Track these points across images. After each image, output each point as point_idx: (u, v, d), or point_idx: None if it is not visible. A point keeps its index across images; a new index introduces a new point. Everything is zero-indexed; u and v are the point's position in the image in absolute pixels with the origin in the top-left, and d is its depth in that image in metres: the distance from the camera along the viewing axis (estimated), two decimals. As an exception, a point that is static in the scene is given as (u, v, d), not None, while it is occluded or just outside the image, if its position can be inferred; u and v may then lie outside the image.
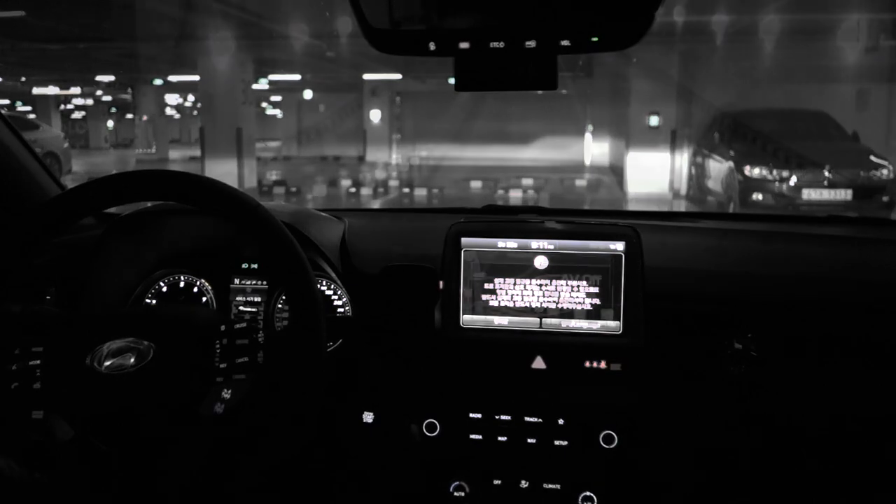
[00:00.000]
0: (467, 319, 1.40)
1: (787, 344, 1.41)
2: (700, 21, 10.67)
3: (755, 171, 9.29)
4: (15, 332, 1.18)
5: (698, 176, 11.21)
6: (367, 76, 18.51)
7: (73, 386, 1.14)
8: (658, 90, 12.48)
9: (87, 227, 1.66)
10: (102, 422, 1.14)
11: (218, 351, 1.17)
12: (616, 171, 15.71)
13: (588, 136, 20.38)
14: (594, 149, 20.09)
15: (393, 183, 14.31)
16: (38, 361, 1.16)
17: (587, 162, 19.77)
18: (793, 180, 9.05)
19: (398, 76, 18.38)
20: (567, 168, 17.36)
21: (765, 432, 1.42)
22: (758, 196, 9.16)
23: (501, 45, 0.84)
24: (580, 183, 14.85)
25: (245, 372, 1.16)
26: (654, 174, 12.82)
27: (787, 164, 9.25)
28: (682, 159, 12.52)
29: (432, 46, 0.85)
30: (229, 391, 1.18)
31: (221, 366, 1.17)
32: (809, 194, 8.94)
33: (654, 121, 12.64)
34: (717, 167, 10.20)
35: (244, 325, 1.20)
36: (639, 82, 12.63)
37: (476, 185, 13.57)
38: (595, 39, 0.82)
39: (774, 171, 9.17)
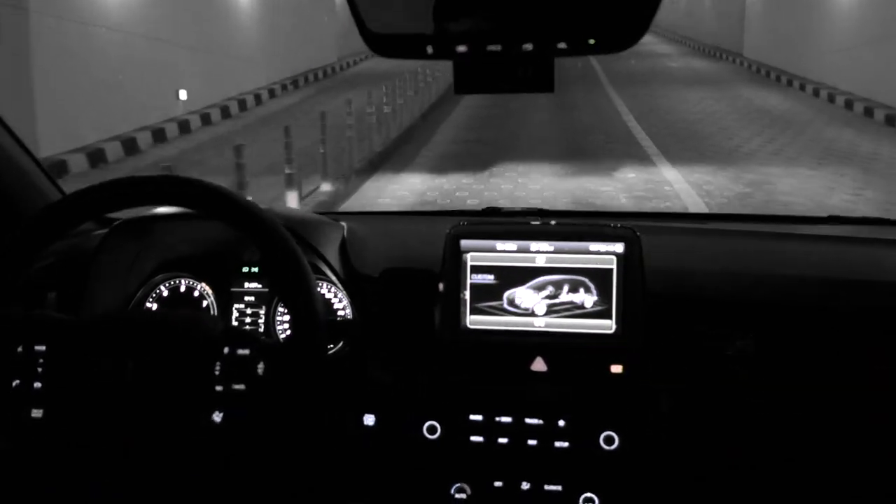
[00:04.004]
0: (467, 322, 1.39)
1: (787, 344, 1.41)
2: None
3: None
4: (17, 332, 1.19)
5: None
6: None
7: (74, 390, 1.14)
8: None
9: (87, 230, 1.66)
10: (102, 426, 1.14)
11: (218, 361, 1.17)
12: None
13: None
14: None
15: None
16: (41, 361, 1.17)
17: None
18: None
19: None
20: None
21: (766, 433, 1.42)
22: None
23: (499, 48, 0.84)
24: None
25: (245, 381, 1.16)
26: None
27: None
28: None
29: (430, 50, 0.85)
30: (229, 400, 1.18)
31: (221, 375, 1.17)
32: None
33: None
34: None
35: (245, 333, 1.20)
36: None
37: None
38: (592, 42, 0.82)
39: None
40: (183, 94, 12.39)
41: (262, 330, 1.59)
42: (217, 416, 1.16)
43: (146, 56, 11.51)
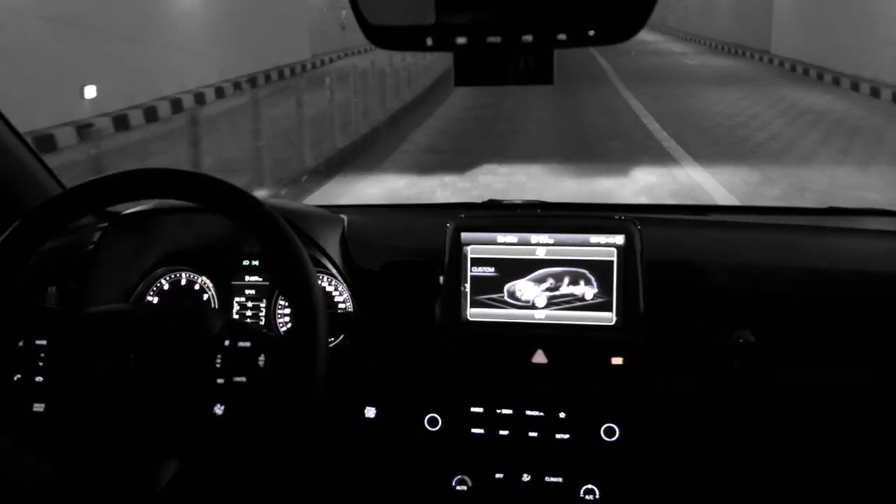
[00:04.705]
0: (468, 314, 1.40)
1: (788, 336, 1.41)
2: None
3: None
4: (18, 326, 1.19)
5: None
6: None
7: (75, 383, 1.15)
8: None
9: (88, 224, 1.65)
10: (104, 419, 1.14)
11: (219, 354, 1.17)
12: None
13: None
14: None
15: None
16: (42, 355, 1.17)
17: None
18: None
19: None
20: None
21: (765, 425, 1.42)
22: None
23: (498, 39, 0.83)
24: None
25: (246, 374, 1.16)
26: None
27: None
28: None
29: (430, 42, 0.84)
30: (230, 393, 1.17)
31: (222, 368, 1.17)
32: None
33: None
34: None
35: (246, 325, 1.26)
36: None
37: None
38: (592, 33, 0.82)
39: None
40: (90, 92, 9.81)
41: (262, 323, 1.58)
42: (218, 409, 1.15)
43: (44, 43, 8.87)
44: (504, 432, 1.39)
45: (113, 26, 10.32)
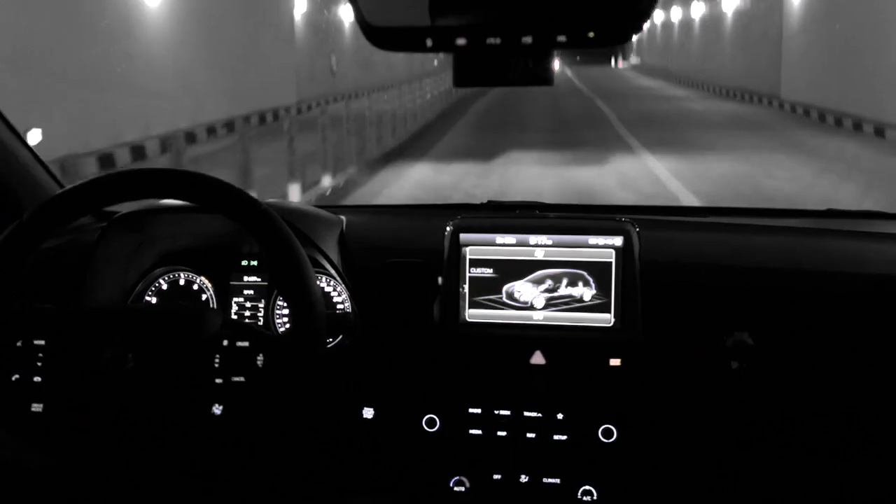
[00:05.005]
0: (466, 315, 1.40)
1: (785, 337, 1.41)
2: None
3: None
4: (16, 326, 1.19)
5: None
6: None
7: (74, 382, 1.15)
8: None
9: (87, 224, 1.65)
10: (102, 418, 1.14)
11: (218, 353, 1.17)
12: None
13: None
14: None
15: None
16: (40, 355, 1.17)
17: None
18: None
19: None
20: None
21: (763, 425, 1.42)
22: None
23: (498, 41, 0.83)
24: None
25: (244, 374, 1.16)
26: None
27: None
28: None
29: (429, 43, 0.84)
30: (228, 393, 1.17)
31: (221, 368, 1.17)
32: None
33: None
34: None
35: (245, 325, 1.25)
36: None
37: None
38: (591, 34, 0.81)
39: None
40: (34, 136, 8.71)
41: (261, 323, 1.58)
42: (217, 409, 1.16)
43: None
44: (502, 433, 1.40)
45: (71, 68, 9.28)
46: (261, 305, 1.57)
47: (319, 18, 21.65)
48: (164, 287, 1.58)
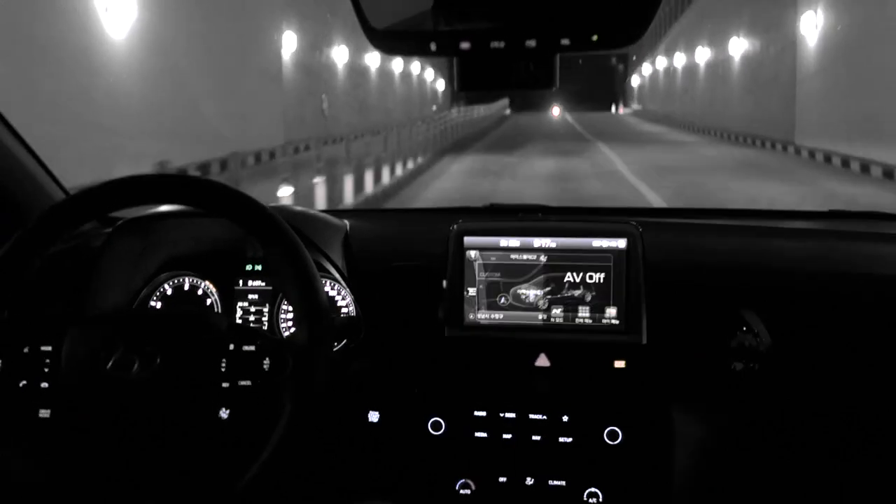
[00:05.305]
0: (471, 318, 1.40)
1: (789, 339, 1.40)
2: None
3: None
4: (23, 332, 1.19)
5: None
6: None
7: (81, 387, 1.15)
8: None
9: (92, 229, 1.65)
10: (109, 423, 1.14)
11: (224, 357, 1.17)
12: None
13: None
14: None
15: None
16: (47, 360, 1.17)
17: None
18: None
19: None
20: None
21: (767, 427, 1.42)
22: None
23: (502, 44, 0.83)
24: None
25: (251, 378, 1.16)
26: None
27: None
28: None
29: (433, 47, 0.84)
30: (235, 396, 1.17)
31: (227, 371, 1.16)
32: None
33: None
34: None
35: (251, 329, 1.23)
36: None
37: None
38: (595, 38, 0.81)
39: None
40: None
41: (265, 328, 1.57)
42: (224, 413, 1.15)
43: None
44: (507, 436, 1.39)
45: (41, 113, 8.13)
46: (265, 310, 1.57)
47: (310, 59, 20.77)
48: (169, 292, 1.58)
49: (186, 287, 1.56)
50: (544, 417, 1.37)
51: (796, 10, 18.63)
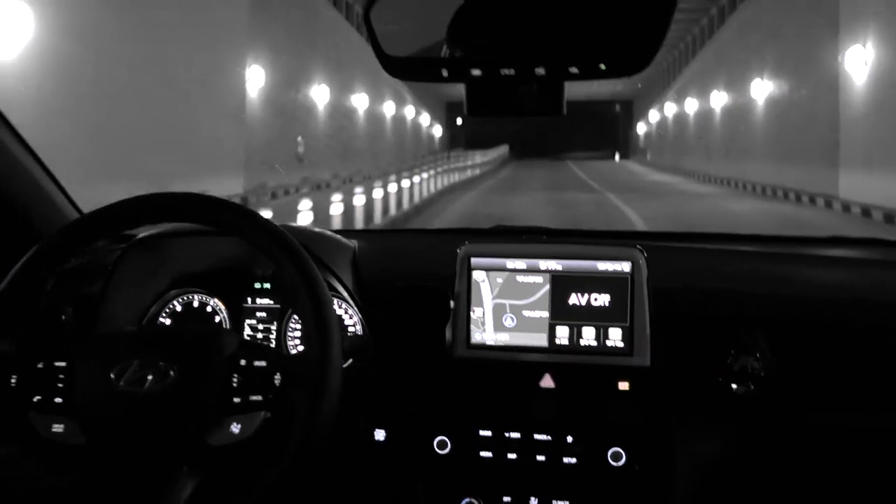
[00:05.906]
0: (477, 339, 1.42)
1: (791, 363, 1.42)
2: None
3: None
4: (36, 348, 1.20)
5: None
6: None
7: (94, 403, 1.15)
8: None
9: (104, 246, 1.67)
10: (121, 438, 1.15)
11: (236, 373, 1.18)
12: None
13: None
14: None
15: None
16: (61, 376, 1.18)
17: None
18: None
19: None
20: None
21: (771, 450, 1.43)
22: None
23: (512, 72, 0.85)
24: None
25: (262, 394, 1.17)
26: None
27: None
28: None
29: (445, 73, 0.86)
30: (246, 413, 1.18)
31: (238, 387, 1.17)
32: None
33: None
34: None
35: (262, 346, 1.29)
36: None
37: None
38: (603, 66, 0.83)
39: None
40: None
41: (273, 346, 1.60)
42: (235, 428, 1.16)
43: None
44: (512, 455, 1.41)
45: None
46: (273, 328, 1.59)
47: (283, 97, 18.44)
48: (178, 309, 1.60)
49: (196, 304, 1.60)
50: (549, 438, 1.39)
51: (837, 46, 16.32)
